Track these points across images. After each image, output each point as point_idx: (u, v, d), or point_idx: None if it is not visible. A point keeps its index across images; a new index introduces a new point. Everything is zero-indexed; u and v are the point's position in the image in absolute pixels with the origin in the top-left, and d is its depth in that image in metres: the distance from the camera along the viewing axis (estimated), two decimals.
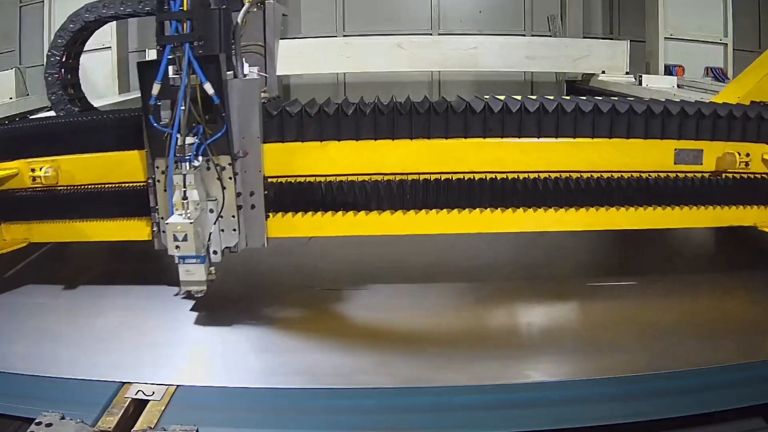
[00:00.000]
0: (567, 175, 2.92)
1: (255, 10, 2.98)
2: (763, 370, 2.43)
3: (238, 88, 2.69)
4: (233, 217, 2.77)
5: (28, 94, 6.43)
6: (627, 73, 7.17)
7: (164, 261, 2.85)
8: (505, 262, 3.59)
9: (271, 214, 2.90)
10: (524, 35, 8.36)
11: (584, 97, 3.15)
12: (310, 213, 2.93)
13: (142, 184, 2.93)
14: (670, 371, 2.41)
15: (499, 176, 2.91)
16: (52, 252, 3.67)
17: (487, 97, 3.04)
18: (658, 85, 6.50)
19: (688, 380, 2.36)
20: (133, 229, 3.02)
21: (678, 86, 6.41)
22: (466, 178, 2.90)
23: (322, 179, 2.88)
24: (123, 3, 3.31)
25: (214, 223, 2.71)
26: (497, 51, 7.18)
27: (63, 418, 2.01)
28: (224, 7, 2.63)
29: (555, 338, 2.80)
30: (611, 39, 8.20)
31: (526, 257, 3.61)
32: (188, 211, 2.56)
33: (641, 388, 2.32)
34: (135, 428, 2.07)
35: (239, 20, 2.78)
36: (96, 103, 5.67)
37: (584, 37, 7.96)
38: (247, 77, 2.77)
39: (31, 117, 4.56)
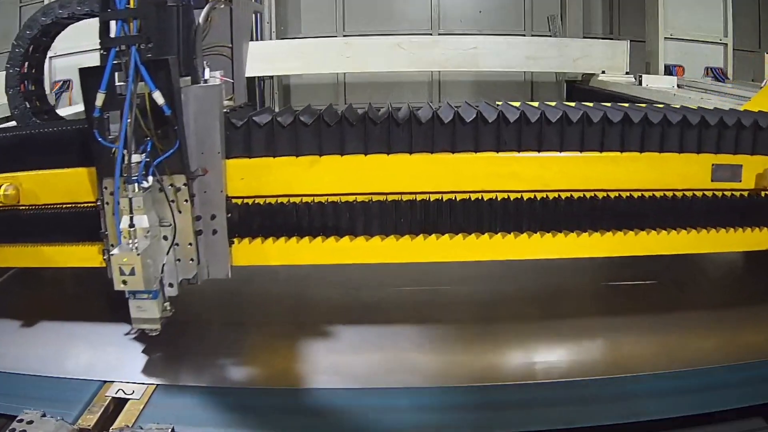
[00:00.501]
0: (592, 194, 2.36)
1: (222, 6, 2.42)
2: (763, 370, 2.28)
3: (196, 96, 2.16)
4: (190, 245, 2.23)
5: None
6: (627, 73, 6.66)
7: None
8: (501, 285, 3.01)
9: (236, 240, 2.36)
10: (524, 35, 7.82)
11: (608, 104, 2.57)
12: (283, 239, 2.37)
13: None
14: (670, 371, 2.26)
15: (513, 196, 2.35)
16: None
17: (500, 103, 2.47)
18: (658, 85, 6.04)
19: (688, 380, 2.23)
20: (90, 255, 2.47)
21: (678, 86, 5.96)
22: (473, 198, 2.34)
23: (297, 200, 2.33)
24: (80, 2, 2.72)
25: (168, 253, 2.18)
26: (497, 51, 6.64)
27: (44, 415, 1.95)
28: (184, 3, 2.09)
29: None
30: (611, 39, 7.68)
31: (532, 282, 3.03)
32: (136, 241, 2.03)
33: (641, 388, 2.19)
34: (113, 427, 2.00)
35: (202, 19, 2.25)
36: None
37: (584, 37, 7.44)
38: (207, 83, 2.23)
39: None
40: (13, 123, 3.06)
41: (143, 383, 2.21)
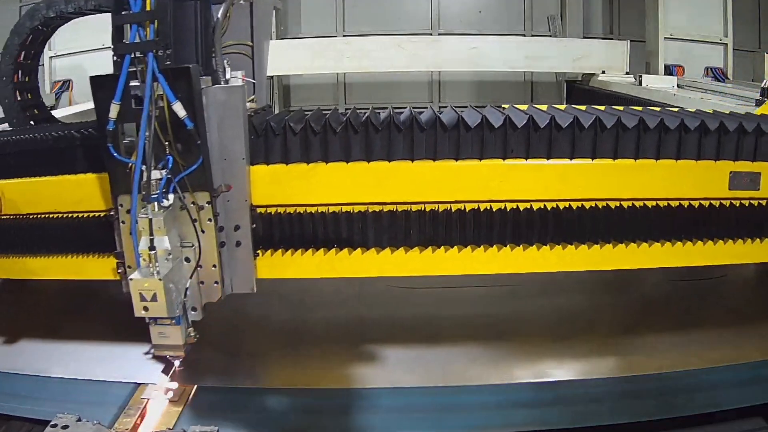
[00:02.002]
0: (604, 203, 2.16)
1: (242, 2, 2.20)
2: (763, 370, 2.23)
3: (218, 98, 1.94)
4: (214, 267, 2.02)
5: None
6: (627, 73, 6.48)
7: None
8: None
9: (260, 252, 2.16)
10: (524, 35, 7.62)
11: (621, 108, 2.36)
12: (300, 251, 2.18)
13: (99, 213, 2.19)
14: (670, 371, 2.20)
15: (522, 206, 2.15)
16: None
17: (507, 107, 2.27)
18: (658, 85, 5.84)
19: (689, 380, 2.17)
20: (91, 267, 2.27)
21: (678, 86, 5.76)
22: (481, 209, 2.14)
23: (313, 209, 2.14)
24: None
25: (191, 276, 1.97)
26: (497, 51, 6.47)
27: (79, 419, 1.83)
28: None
29: None
30: (611, 39, 7.48)
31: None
32: (157, 264, 1.82)
33: (641, 388, 2.13)
34: (153, 429, 1.91)
35: (221, 15, 2.04)
36: None
37: (584, 37, 7.24)
38: (229, 83, 2.01)
39: None
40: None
41: (180, 385, 2.10)
